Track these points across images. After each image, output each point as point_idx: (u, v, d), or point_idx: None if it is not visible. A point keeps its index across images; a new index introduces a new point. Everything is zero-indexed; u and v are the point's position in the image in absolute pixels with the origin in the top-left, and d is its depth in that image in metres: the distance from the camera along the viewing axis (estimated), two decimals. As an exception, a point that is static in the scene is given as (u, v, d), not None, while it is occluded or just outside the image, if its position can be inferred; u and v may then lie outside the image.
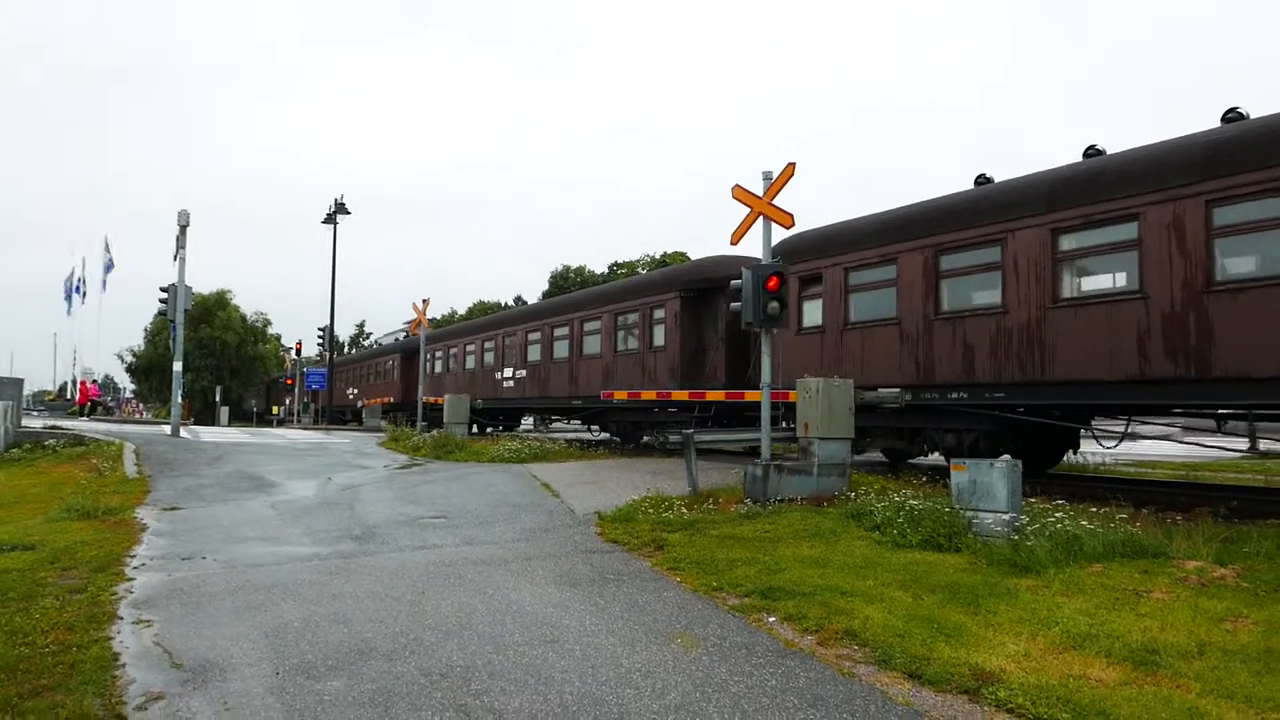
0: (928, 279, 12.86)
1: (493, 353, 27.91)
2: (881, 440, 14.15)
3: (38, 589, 6.60)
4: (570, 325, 23.29)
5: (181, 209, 24.62)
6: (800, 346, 14.97)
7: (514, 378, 26.07)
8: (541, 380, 24.47)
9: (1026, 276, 11.50)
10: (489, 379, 27.88)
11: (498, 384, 27.12)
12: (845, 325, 14.22)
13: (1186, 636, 5.17)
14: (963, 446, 12.55)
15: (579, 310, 23.26)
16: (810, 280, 15.02)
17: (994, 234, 11.93)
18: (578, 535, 9.31)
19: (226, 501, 12.12)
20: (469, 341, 30.34)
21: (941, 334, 12.64)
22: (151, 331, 59.82)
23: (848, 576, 6.81)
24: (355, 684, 4.63)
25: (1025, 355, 11.46)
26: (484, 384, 28.20)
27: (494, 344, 27.85)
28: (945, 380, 12.52)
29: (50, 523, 9.94)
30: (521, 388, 25.69)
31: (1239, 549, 7.20)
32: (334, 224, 41.30)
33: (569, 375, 22.97)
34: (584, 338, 22.62)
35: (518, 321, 26.89)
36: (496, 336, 27.78)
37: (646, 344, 19.82)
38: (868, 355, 13.72)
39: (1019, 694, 4.35)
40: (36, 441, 20.15)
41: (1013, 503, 8.11)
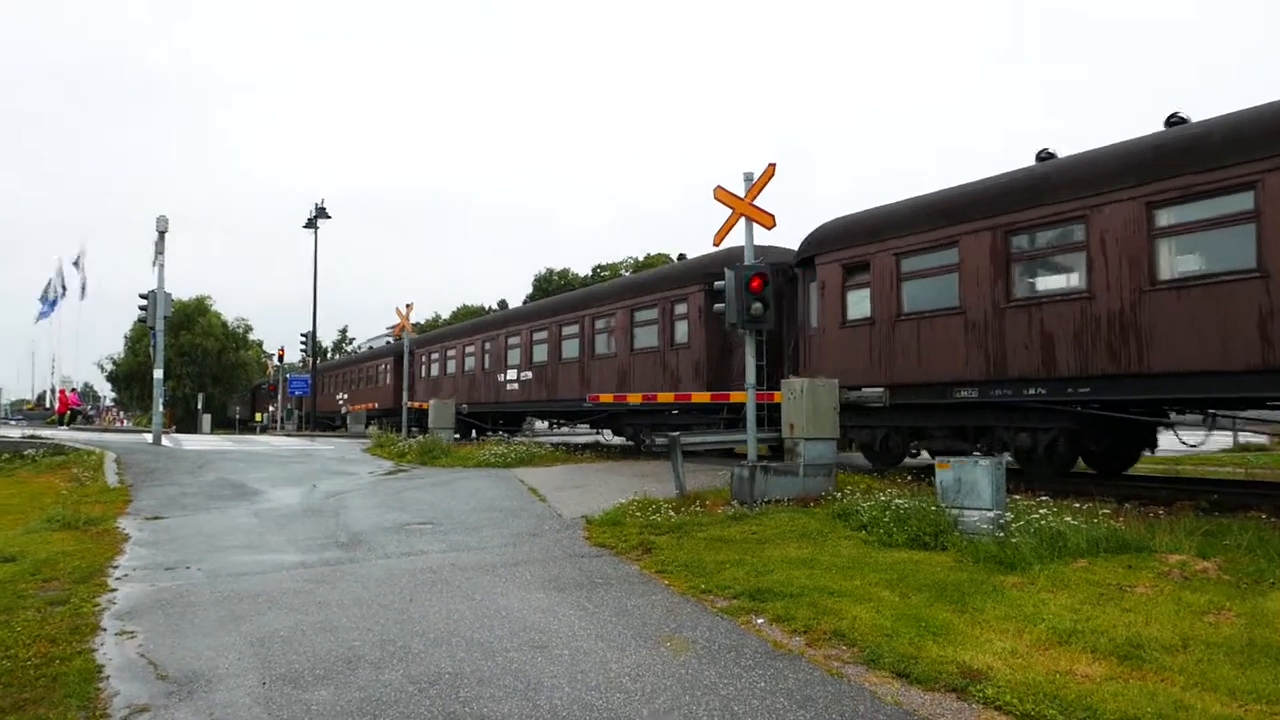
0: (996, 263, 11.70)
1: (493, 354, 26.59)
2: (941, 441, 12.94)
3: (18, 601, 6.52)
4: (580, 323, 21.91)
5: (160, 215, 24.44)
6: (846, 340, 13.81)
7: (518, 380, 24.76)
8: (549, 382, 23.24)
9: (1116, 257, 10.38)
10: (490, 381, 26.55)
11: (500, 387, 25.80)
12: (898, 316, 13.00)
13: (1170, 630, 5.22)
14: (1038, 447, 11.65)
15: (590, 307, 21.80)
16: (855, 269, 13.86)
17: (1074, 211, 10.84)
18: (565, 539, 9.29)
19: (210, 510, 12.01)
20: (468, 343, 28.96)
21: (1015, 323, 11.45)
22: (131, 339, 59.36)
23: (835, 577, 6.83)
24: (343, 693, 4.60)
25: (1118, 344, 10.34)
26: (485, 387, 26.94)
27: (495, 344, 26.55)
28: (1020, 374, 11.35)
29: (30, 534, 9.82)
30: (527, 390, 24.36)
31: (1220, 542, 7.28)
32: (315, 228, 41.09)
33: (579, 376, 21.70)
34: (596, 336, 21.25)
35: (522, 320, 25.54)
36: (498, 336, 26.42)
37: (667, 342, 18.50)
38: (927, 348, 12.51)
39: (1006, 691, 4.38)
40: (15, 451, 19.95)
41: (997, 500, 8.16)
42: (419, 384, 32.17)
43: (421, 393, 31.11)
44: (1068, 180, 11.14)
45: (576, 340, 22.02)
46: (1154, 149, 10.40)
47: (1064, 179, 11.21)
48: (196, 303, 59.30)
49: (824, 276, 14.34)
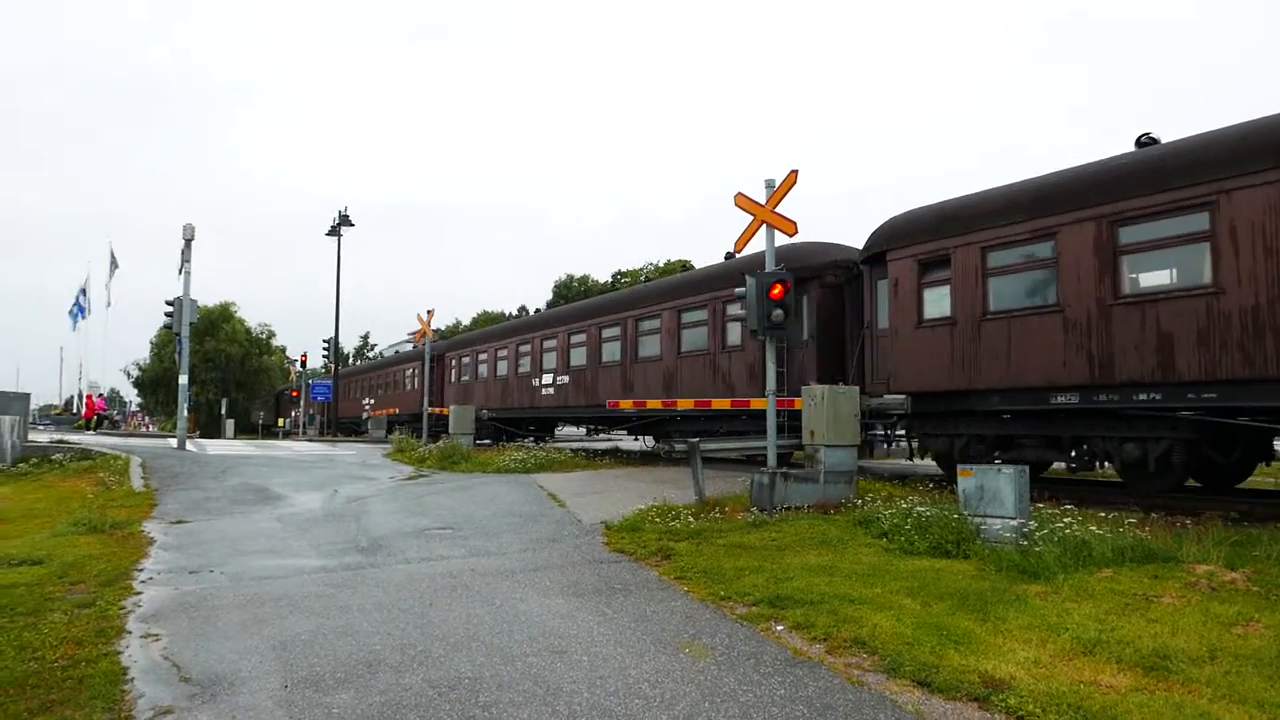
0: (1101, 256, 10.66)
1: (529, 357, 25.34)
2: (1031, 450, 11.96)
3: (46, 604, 6.62)
4: (623, 325, 20.88)
5: (186, 223, 24.74)
6: (923, 342, 12.78)
7: (554, 384, 23.72)
8: (587, 386, 22.20)
9: (1252, 247, 9.35)
10: (524, 386, 25.51)
11: (534, 391, 24.75)
12: (984, 315, 11.93)
13: (1197, 641, 5.14)
14: (1148, 459, 10.60)
15: (633, 308, 20.75)
16: (933, 264, 12.81)
17: (1198, 197, 9.86)
18: (584, 545, 9.30)
19: (233, 514, 12.13)
20: (501, 346, 27.70)
21: (1123, 322, 10.42)
22: (157, 345, 60.08)
23: (855, 584, 6.79)
24: (363, 696, 4.63)
25: (1252, 345, 9.33)
26: (518, 391, 25.89)
27: (530, 347, 25.33)
28: (1129, 378, 10.33)
29: (57, 537, 9.96)
30: (563, 395, 23.28)
31: (1249, 552, 7.17)
32: (338, 235, 41.50)
33: (621, 380, 20.76)
34: (639, 339, 20.26)
35: (558, 323, 24.55)
36: (533, 339, 25.26)
37: (718, 344, 17.48)
38: (1019, 350, 11.45)
39: (1029, 701, 4.33)
40: (43, 456, 20.21)
41: (1021, 508, 8.08)
42: (449, 389, 31.54)
43: (451, 397, 30.38)
44: (1189, 164, 10.11)
45: (618, 343, 21.11)
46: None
47: (1183, 163, 10.19)
48: (221, 309, 59.94)
49: (896, 273, 13.29)
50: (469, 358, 30.43)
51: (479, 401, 27.94)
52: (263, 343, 64.44)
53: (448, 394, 31.29)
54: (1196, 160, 10.06)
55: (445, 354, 32.38)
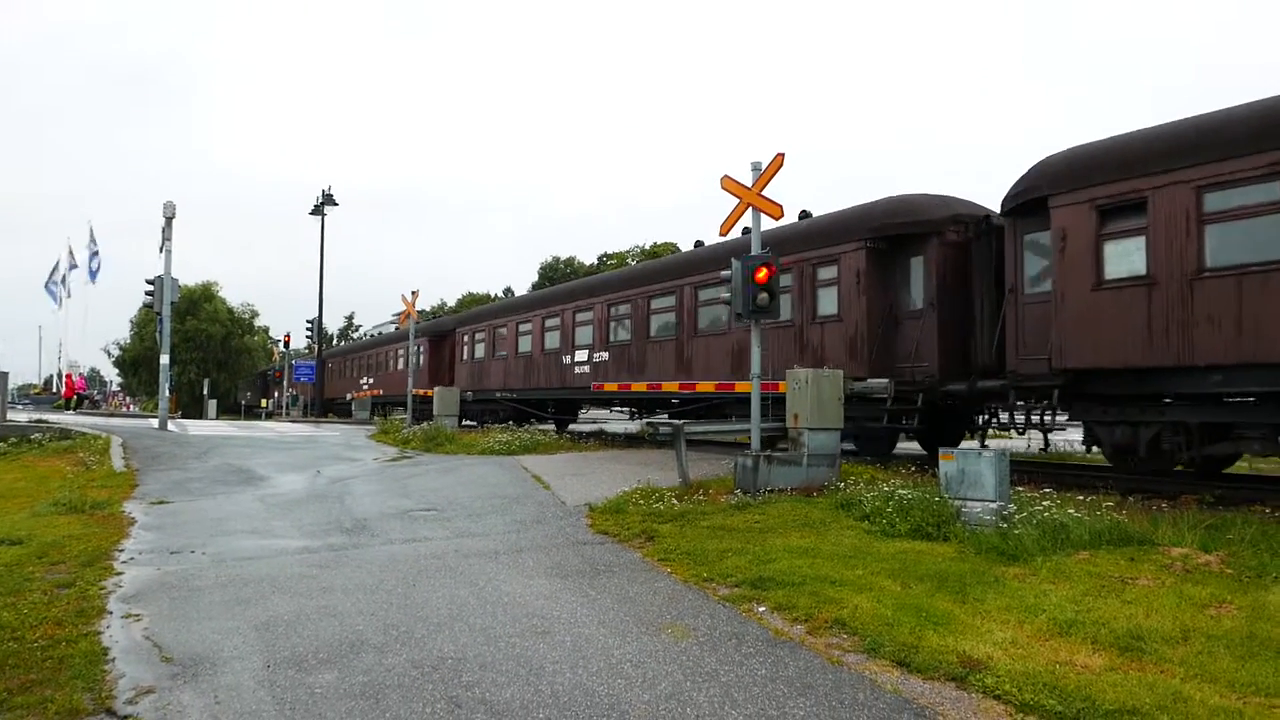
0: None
1: (558, 331, 22.59)
2: (1258, 442, 9.82)
3: (25, 584, 6.57)
4: (678, 294, 18.02)
5: (167, 200, 24.46)
6: (1104, 308, 10.41)
7: (590, 361, 21.08)
8: (633, 363, 19.46)
9: None
10: (552, 364, 22.74)
11: (565, 370, 22.03)
12: (1199, 272, 9.52)
13: (1171, 622, 5.23)
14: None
15: (692, 274, 17.75)
16: (1116, 211, 10.43)
17: None
18: (568, 527, 9.33)
19: (215, 495, 12.07)
20: (524, 319, 24.80)
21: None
22: (138, 324, 59.54)
23: (837, 566, 6.85)
24: (346, 676, 4.64)
25: None
26: (545, 370, 23.12)
27: (561, 320, 22.51)
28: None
29: (37, 517, 9.89)
30: (601, 372, 20.68)
31: (1223, 535, 7.28)
32: (321, 215, 41.10)
33: (676, 357, 17.95)
34: (699, 309, 17.47)
35: (597, 292, 21.61)
36: (564, 312, 22.47)
37: (807, 314, 14.96)
38: (1255, 315, 9.03)
39: (1006, 681, 4.39)
40: (22, 435, 20.03)
41: (1001, 491, 8.17)
42: (459, 368, 29.12)
43: (463, 378, 28.28)
44: None
45: (673, 314, 18.38)
46: None
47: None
48: (203, 289, 59.44)
49: (1064, 223, 10.90)
50: (484, 333, 27.50)
51: (496, 382, 25.88)
52: (245, 323, 63.98)
53: (459, 373, 29.17)
54: None
55: (455, 330, 29.94)
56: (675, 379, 18.01)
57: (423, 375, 31.43)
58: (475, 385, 27.48)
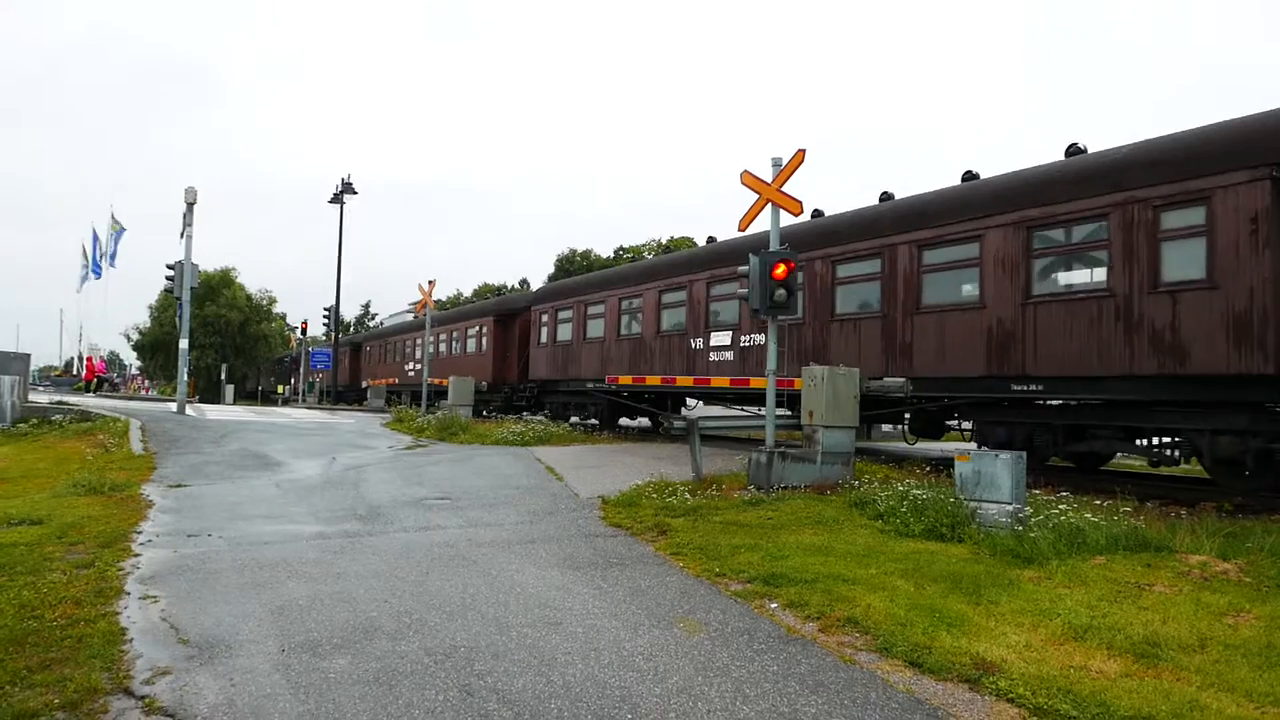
0: None
1: (685, 309, 17.88)
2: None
3: (45, 563, 6.65)
4: (882, 256, 13.46)
5: (189, 186, 24.61)
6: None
7: (734, 346, 16.24)
8: (811, 349, 14.53)
9: None
10: (676, 349, 18.02)
11: (695, 356, 17.32)
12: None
13: (1188, 630, 5.18)
14: None
15: (919, 228, 12.98)
16: None
17: None
18: (581, 519, 9.34)
19: (232, 479, 12.17)
20: (633, 294, 20.21)
21: None
22: (157, 309, 60.01)
23: (850, 564, 6.83)
24: (360, 662, 4.67)
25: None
26: (664, 355, 18.45)
27: (687, 295, 17.83)
28: None
29: (57, 498, 10.00)
30: (739, 363, 16.05)
31: (1242, 544, 7.20)
32: (340, 203, 41.27)
33: (882, 344, 13.37)
34: (923, 276, 12.91)
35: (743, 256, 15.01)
36: (692, 284, 17.62)
37: (1144, 282, 10.17)
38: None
39: (1020, 684, 4.37)
40: (43, 417, 20.26)
41: (1016, 494, 8.11)
42: (535, 352, 24.67)
43: (541, 364, 24.28)
44: None
45: (875, 284, 13.68)
46: None
47: None
48: (222, 274, 59.79)
49: None
50: (570, 311, 22.92)
51: (587, 369, 21.60)
52: (263, 309, 64.33)
53: (535, 359, 24.66)
54: None
55: (531, 308, 25.45)
56: (894, 371, 13.14)
57: (485, 361, 27.70)
58: (559, 372, 23.18)
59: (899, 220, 13.54)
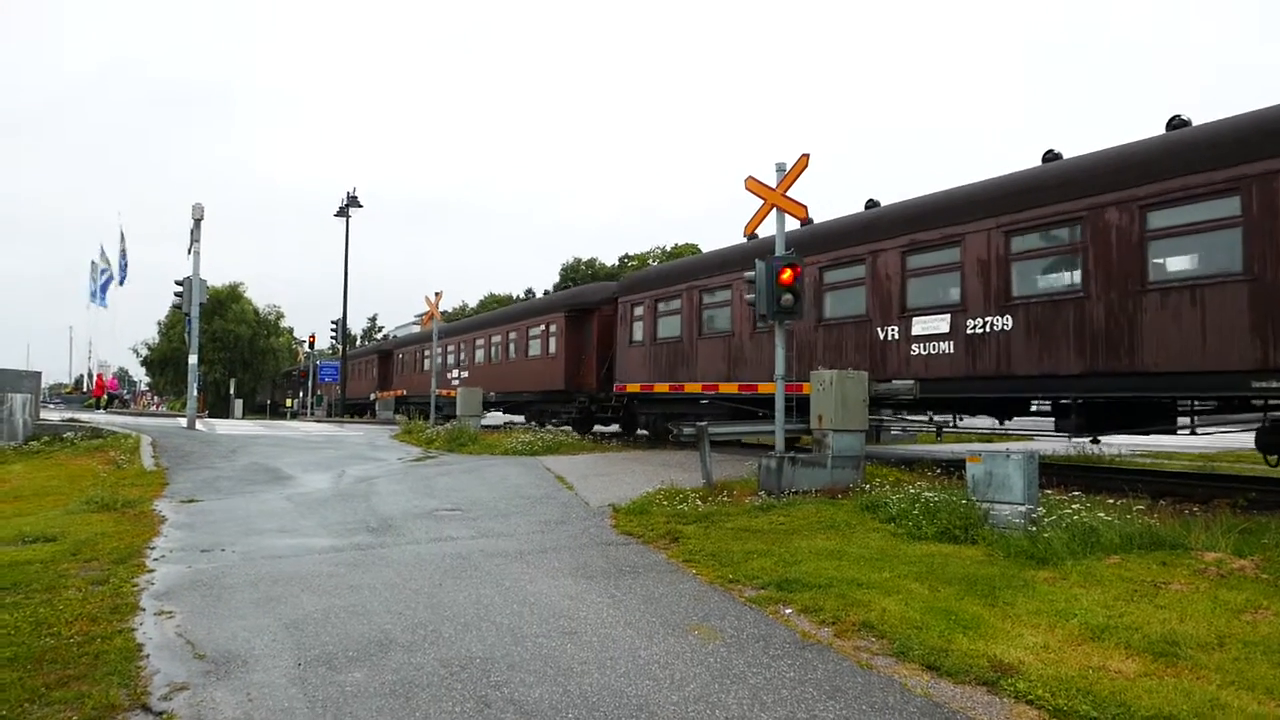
0: None
1: (867, 288, 13.40)
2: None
3: (60, 580, 6.68)
4: (1125, 213, 9.91)
5: (196, 202, 24.77)
6: None
7: (957, 331, 11.85)
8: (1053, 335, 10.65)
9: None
10: (853, 341, 13.60)
11: (884, 350, 12.99)
12: None
13: (1206, 628, 5.15)
14: None
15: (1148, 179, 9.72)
16: None
17: None
18: (593, 528, 9.34)
19: (243, 494, 12.21)
20: None
21: None
22: (166, 325, 60.32)
23: (864, 568, 6.81)
24: (376, 675, 4.67)
25: None
26: (836, 351, 13.89)
27: (869, 268, 13.36)
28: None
29: (70, 514, 10.05)
30: (964, 355, 11.72)
31: (1258, 540, 7.15)
32: (346, 217, 41.44)
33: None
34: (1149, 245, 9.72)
35: (960, 217, 11.94)
36: (875, 256, 13.24)
37: None
38: None
39: (1038, 685, 4.35)
40: (55, 434, 20.36)
41: (1029, 494, 8.08)
42: (626, 354, 19.87)
43: (633, 366, 19.44)
44: None
45: None
46: None
47: None
48: (229, 290, 60.11)
49: None
50: (680, 300, 18.04)
51: (707, 371, 16.77)
52: (271, 324, 64.63)
53: (626, 360, 19.93)
54: None
55: (619, 300, 20.67)
56: None
57: (554, 366, 23.17)
58: (661, 377, 18.42)
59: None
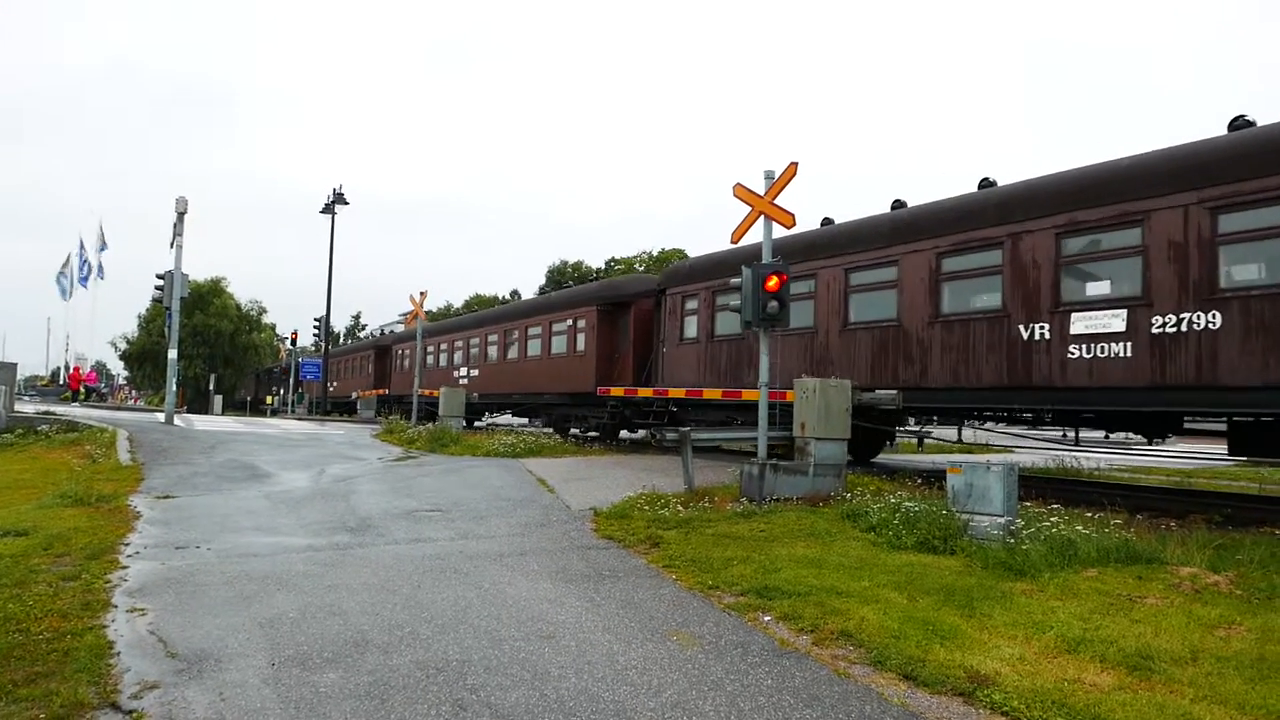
0: None
1: (1006, 276, 11.32)
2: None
3: (31, 575, 6.58)
4: None
5: (179, 195, 24.56)
6: None
7: (1137, 330, 9.87)
8: None
9: None
10: (984, 340, 11.53)
11: (1028, 351, 10.92)
12: None
13: (1180, 642, 5.19)
14: None
15: None
16: None
17: None
18: (573, 531, 9.31)
19: (221, 491, 12.08)
20: (867, 259, 13.53)
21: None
22: (146, 318, 59.79)
23: (843, 577, 6.82)
24: (351, 676, 4.62)
25: None
26: (960, 352, 11.84)
27: (1007, 253, 11.31)
28: None
29: (43, 509, 9.90)
30: (1149, 357, 9.75)
31: (1232, 556, 7.23)
32: (332, 214, 41.20)
33: None
34: None
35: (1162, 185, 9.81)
36: (1016, 239, 11.19)
37: None
38: None
39: (1014, 697, 4.36)
40: (29, 427, 20.08)
41: (1008, 506, 8.13)
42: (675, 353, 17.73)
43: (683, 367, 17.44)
44: None
45: None
46: None
47: None
48: (211, 284, 59.62)
49: None
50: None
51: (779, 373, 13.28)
52: (253, 319, 64.18)
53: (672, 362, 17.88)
54: None
55: (666, 292, 18.44)
56: None
57: (583, 365, 20.87)
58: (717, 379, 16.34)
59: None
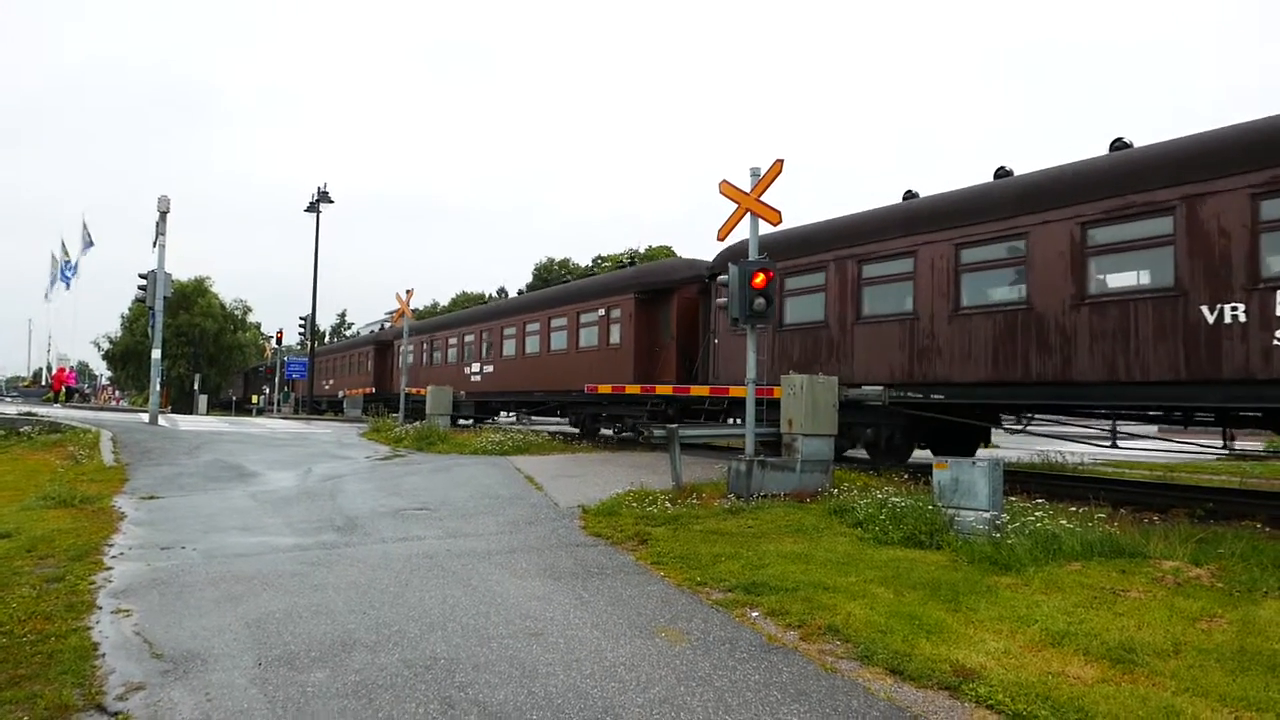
0: None
1: (1177, 248, 9.68)
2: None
3: (14, 577, 6.52)
4: None
5: (162, 194, 24.38)
6: None
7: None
8: None
9: None
10: (1152, 324, 9.83)
11: (1217, 336, 9.28)
12: None
13: (1163, 635, 5.25)
14: None
15: None
16: None
17: None
18: (561, 529, 9.30)
19: (206, 491, 12.01)
20: (983, 235, 11.80)
21: None
22: (129, 318, 59.33)
23: (830, 572, 6.85)
24: (338, 675, 4.61)
25: None
26: (1111, 340, 10.22)
27: (1179, 220, 9.63)
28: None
29: (26, 510, 9.82)
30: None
31: (1214, 549, 7.31)
32: (316, 212, 40.96)
33: None
34: None
35: None
36: (1194, 203, 9.49)
37: None
38: None
39: (999, 690, 4.40)
40: (11, 428, 19.90)
41: (994, 501, 8.18)
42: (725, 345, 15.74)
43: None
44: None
45: None
46: None
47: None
48: (196, 284, 59.22)
49: None
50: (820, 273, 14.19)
51: (868, 368, 13.06)
52: (237, 319, 63.80)
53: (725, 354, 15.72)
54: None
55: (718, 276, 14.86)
56: None
57: (621, 358, 18.91)
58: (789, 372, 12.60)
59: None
